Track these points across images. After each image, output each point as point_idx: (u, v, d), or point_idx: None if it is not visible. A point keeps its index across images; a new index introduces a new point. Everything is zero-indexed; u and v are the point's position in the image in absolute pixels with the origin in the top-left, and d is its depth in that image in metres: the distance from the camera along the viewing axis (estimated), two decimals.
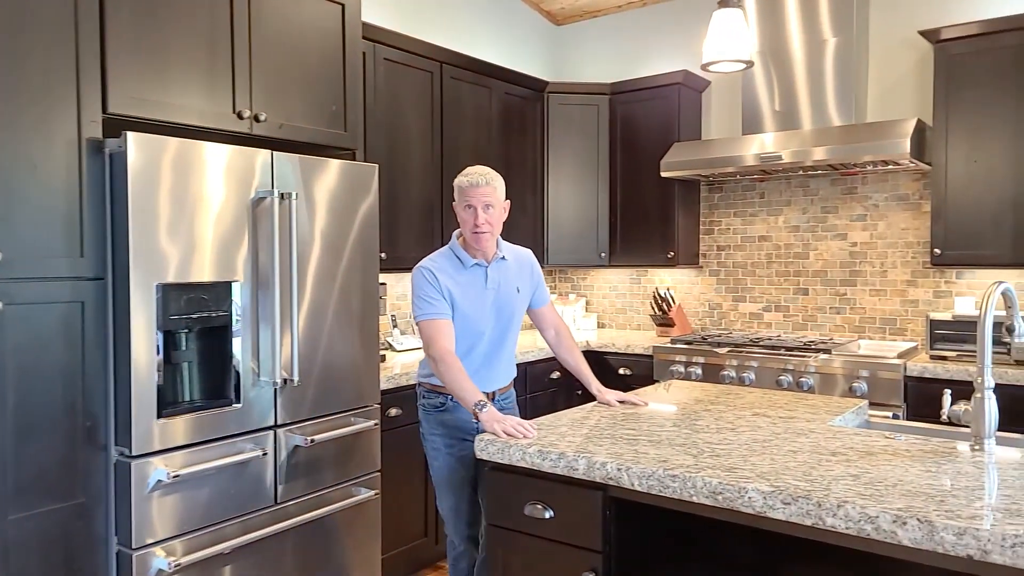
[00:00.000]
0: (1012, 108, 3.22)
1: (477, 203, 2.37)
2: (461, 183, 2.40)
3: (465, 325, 2.41)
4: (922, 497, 1.50)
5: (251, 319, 2.38)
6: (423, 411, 2.50)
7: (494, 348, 2.50)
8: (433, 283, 2.37)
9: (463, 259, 2.44)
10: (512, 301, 2.51)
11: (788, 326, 4.21)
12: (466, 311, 2.41)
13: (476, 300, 2.43)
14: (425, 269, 2.40)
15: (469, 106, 3.89)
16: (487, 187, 2.39)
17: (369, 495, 2.75)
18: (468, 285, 2.43)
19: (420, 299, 2.36)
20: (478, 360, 2.46)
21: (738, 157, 3.74)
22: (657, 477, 1.72)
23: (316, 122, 2.69)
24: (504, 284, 2.50)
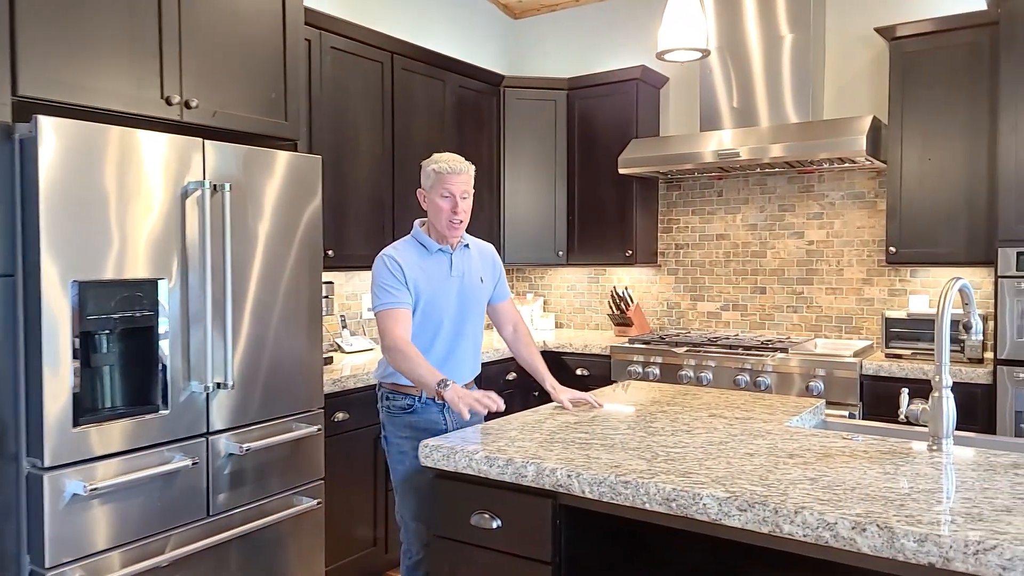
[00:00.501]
0: (965, 106, 3.22)
1: (456, 191, 2.29)
2: (440, 169, 2.30)
3: (429, 314, 2.33)
4: (881, 501, 1.43)
5: (181, 320, 2.23)
6: (387, 414, 2.38)
7: (457, 339, 2.40)
8: (395, 271, 2.28)
9: (427, 245, 2.35)
10: (476, 291, 2.43)
11: (746, 325, 4.17)
12: (430, 299, 2.32)
13: (440, 287, 2.34)
14: (388, 257, 2.30)
15: (422, 99, 3.77)
16: (466, 175, 2.32)
17: (311, 504, 2.61)
18: (432, 272, 2.34)
19: (380, 288, 2.26)
20: (442, 351, 2.37)
21: (696, 154, 3.69)
22: (609, 484, 1.63)
23: (254, 110, 2.54)
24: (468, 273, 2.42)
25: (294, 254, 2.59)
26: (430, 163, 2.34)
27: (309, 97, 3.13)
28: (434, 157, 2.35)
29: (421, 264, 2.32)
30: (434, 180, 2.31)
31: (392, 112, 3.57)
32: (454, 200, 2.30)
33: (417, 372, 2.15)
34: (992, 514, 1.36)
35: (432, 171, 2.32)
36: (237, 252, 2.39)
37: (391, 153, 3.59)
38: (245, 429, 2.43)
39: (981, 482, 1.55)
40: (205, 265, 2.25)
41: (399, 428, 2.34)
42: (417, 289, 2.30)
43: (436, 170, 2.31)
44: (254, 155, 2.44)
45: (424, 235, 2.37)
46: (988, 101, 3.16)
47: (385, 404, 2.38)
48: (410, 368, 2.16)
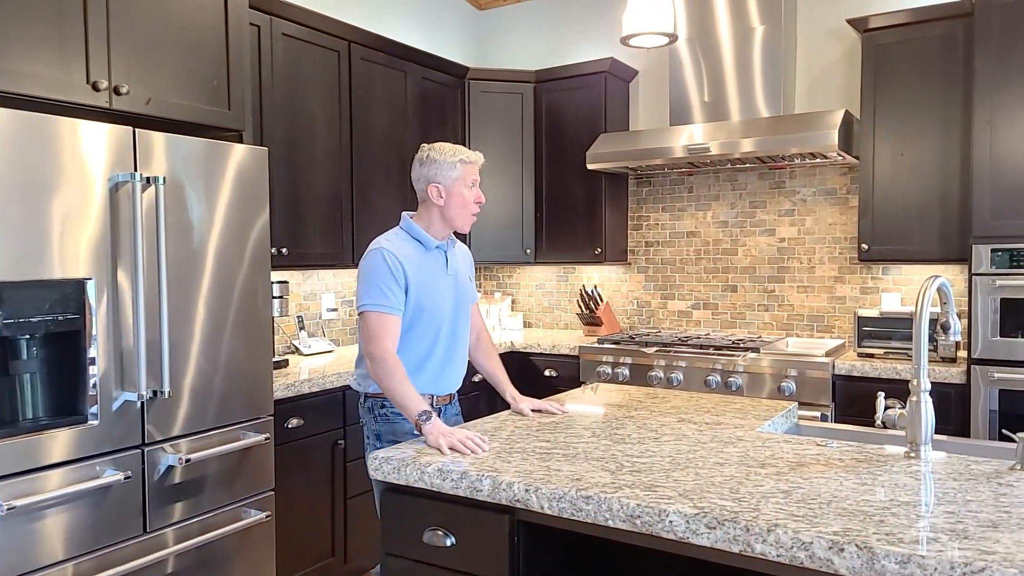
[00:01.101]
0: (939, 100, 3.16)
1: (479, 178, 2.22)
2: (469, 159, 2.18)
3: (429, 318, 2.16)
4: (859, 517, 1.33)
5: (111, 323, 2.07)
6: (385, 423, 2.15)
7: (454, 343, 2.25)
8: (396, 270, 2.07)
9: (425, 241, 2.18)
10: (466, 290, 2.30)
11: (717, 324, 4.09)
12: (430, 302, 2.15)
13: (438, 288, 2.19)
14: (388, 252, 2.09)
15: (382, 91, 3.62)
16: None
17: (260, 517, 2.46)
18: (431, 271, 2.18)
19: (375, 286, 2.05)
20: (439, 358, 2.20)
21: (666, 148, 3.59)
22: (569, 499, 1.51)
23: (194, 98, 2.37)
24: (458, 271, 2.29)
25: (239, 252, 2.44)
26: (449, 154, 2.16)
27: (259, 87, 2.97)
28: (445, 148, 2.18)
29: (419, 261, 2.16)
30: (461, 172, 2.16)
31: (350, 104, 3.42)
32: (477, 189, 2.21)
33: (402, 394, 1.96)
34: (978, 530, 1.26)
35: (458, 163, 2.16)
36: (175, 250, 2.23)
37: (349, 147, 3.43)
38: (186, 439, 2.28)
39: (963, 493, 1.46)
40: (137, 264, 2.09)
41: (400, 436, 2.12)
42: (417, 291, 2.12)
43: (465, 160, 2.16)
44: (193, 146, 2.28)
45: (420, 230, 2.19)
46: (962, 95, 3.10)
47: (380, 413, 2.16)
48: (394, 387, 1.97)
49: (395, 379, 1.98)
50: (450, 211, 2.17)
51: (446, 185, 2.16)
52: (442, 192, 2.16)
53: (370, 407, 2.19)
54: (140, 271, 2.09)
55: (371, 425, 2.19)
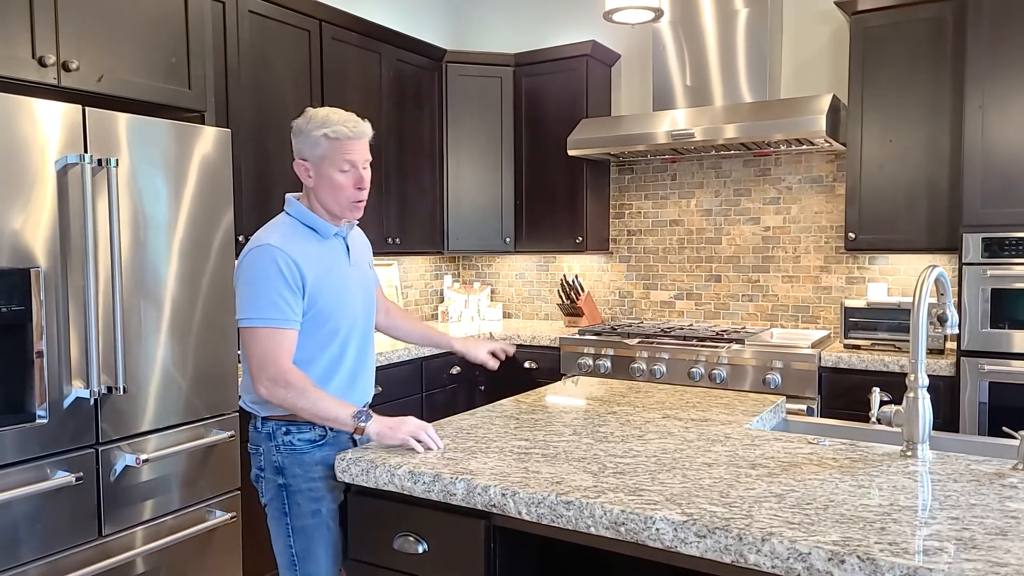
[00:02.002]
0: (928, 85, 3.08)
1: (359, 159, 1.77)
2: (337, 133, 1.73)
3: (332, 324, 1.79)
4: (859, 524, 1.24)
5: (60, 315, 1.93)
6: (289, 453, 1.77)
7: (365, 347, 1.92)
8: (290, 274, 1.70)
9: (320, 229, 1.80)
10: (371, 280, 1.98)
11: (700, 315, 4.01)
12: (332, 305, 1.79)
13: (343, 286, 1.82)
14: (277, 250, 1.69)
15: (356, 73, 3.48)
16: (366, 139, 1.79)
17: (225, 518, 2.34)
18: (332, 265, 1.81)
19: (264, 296, 1.67)
20: (348, 368, 1.85)
21: (649, 134, 3.48)
22: (548, 504, 1.40)
23: (150, 76, 2.23)
24: (361, 260, 1.94)
25: (205, 241, 2.31)
26: (314, 125, 1.74)
27: (225, 67, 2.82)
28: (315, 115, 1.76)
29: (319, 257, 1.78)
30: (327, 149, 1.73)
31: (321, 85, 3.27)
32: (357, 173, 1.77)
33: (323, 408, 1.67)
34: (986, 539, 1.18)
35: (322, 137, 1.73)
36: (132, 238, 2.10)
37: None
38: (144, 437, 2.15)
39: (967, 496, 1.37)
40: (88, 252, 1.95)
41: (309, 469, 1.77)
42: (318, 294, 1.75)
43: (330, 135, 1.73)
44: (148, 126, 2.14)
45: (312, 215, 1.79)
46: (951, 79, 3.02)
47: (283, 441, 1.77)
48: (312, 405, 1.67)
49: (309, 396, 1.67)
50: (320, 195, 1.78)
51: (311, 163, 1.76)
52: (310, 171, 1.77)
53: (270, 433, 1.78)
54: (91, 259, 1.95)
55: (270, 455, 1.78)
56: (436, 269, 4.62)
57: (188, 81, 2.32)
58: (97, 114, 2.01)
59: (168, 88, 2.27)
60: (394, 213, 3.75)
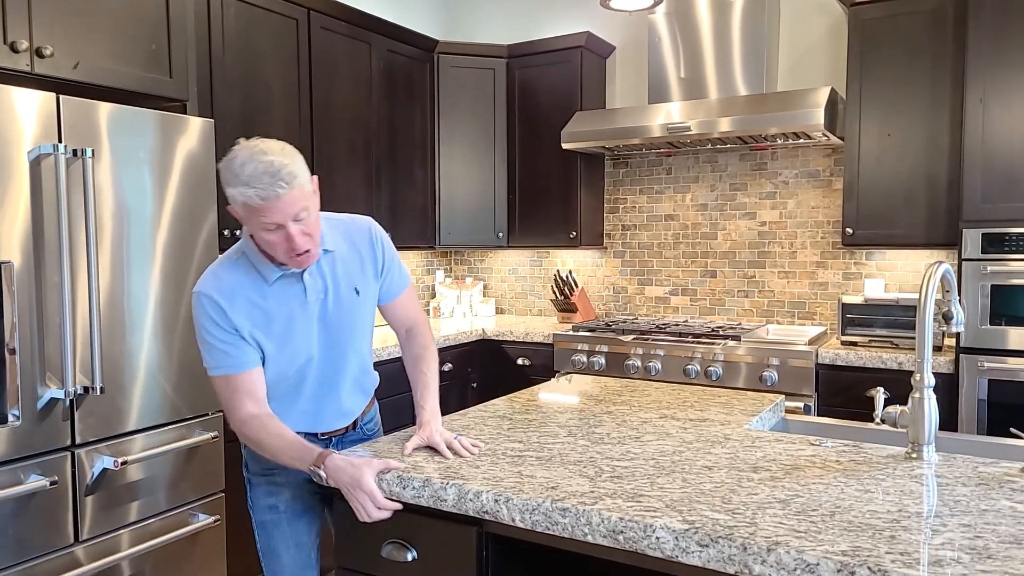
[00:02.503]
0: (927, 77, 3.03)
1: (285, 219, 1.48)
2: (248, 199, 1.46)
3: (284, 362, 1.67)
4: (868, 532, 1.19)
5: (34, 311, 1.86)
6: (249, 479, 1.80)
7: (332, 375, 1.75)
8: (221, 322, 1.57)
9: (264, 272, 1.61)
10: (350, 310, 1.72)
11: (695, 311, 3.96)
12: (282, 345, 1.64)
13: (293, 324, 1.64)
14: (206, 298, 1.57)
15: (345, 63, 3.40)
16: (293, 191, 1.47)
17: (208, 522, 2.28)
18: (279, 306, 1.63)
19: (208, 345, 1.59)
20: (308, 397, 1.73)
21: (644, 128, 3.42)
22: (544, 511, 1.35)
23: (129, 63, 2.15)
24: (335, 288, 1.69)
25: (191, 235, 2.23)
26: (229, 177, 1.49)
27: (209, 56, 2.74)
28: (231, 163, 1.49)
29: (257, 298, 1.61)
30: (244, 215, 1.51)
31: (310, 77, 3.20)
32: (285, 232, 1.50)
33: (283, 454, 1.57)
34: (1000, 548, 1.13)
35: (237, 200, 1.49)
36: (111, 231, 2.02)
37: (310, 124, 3.22)
38: (123, 439, 2.08)
39: (977, 501, 1.32)
40: (62, 246, 1.88)
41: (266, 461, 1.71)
42: (257, 340, 1.61)
43: (243, 200, 1.47)
44: (130, 116, 2.06)
45: (256, 253, 1.61)
46: (951, 72, 2.97)
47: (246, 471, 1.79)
48: (273, 449, 1.58)
49: (265, 447, 1.58)
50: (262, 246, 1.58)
51: (240, 216, 1.53)
52: (241, 220, 1.54)
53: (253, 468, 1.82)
54: (66, 253, 1.88)
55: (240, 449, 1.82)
56: (428, 264, 4.56)
57: (169, 69, 2.24)
58: (73, 102, 1.93)
59: (148, 76, 2.19)
60: (385, 207, 3.68)
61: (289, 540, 1.74)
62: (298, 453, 1.57)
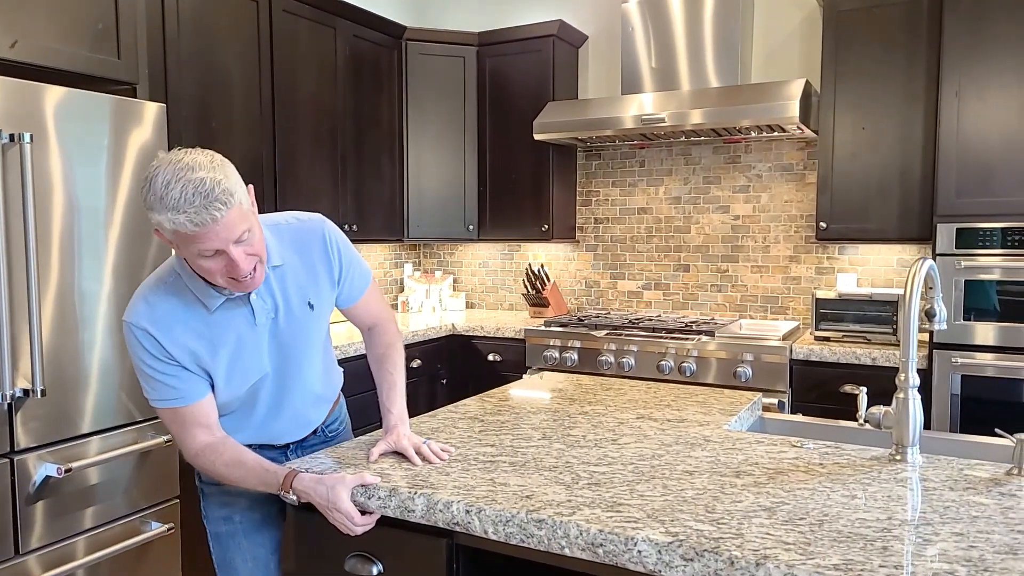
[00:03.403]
0: (902, 71, 3.00)
1: (225, 244, 1.30)
2: (179, 226, 1.25)
3: (236, 384, 1.52)
4: (859, 543, 1.13)
5: None
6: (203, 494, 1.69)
7: (289, 389, 1.61)
8: (158, 354, 1.41)
9: (204, 298, 1.43)
10: (304, 325, 1.57)
11: (668, 305, 3.91)
12: (231, 371, 1.49)
13: (242, 349, 1.49)
14: (138, 330, 1.40)
15: (309, 49, 3.27)
16: (231, 211, 1.28)
17: (162, 530, 2.16)
18: (224, 331, 1.46)
19: (144, 375, 1.44)
20: (262, 413, 1.60)
21: (617, 119, 3.36)
22: (518, 522, 1.27)
23: (73, 43, 2.01)
24: (286, 305, 1.53)
25: (131, 224, 2.10)
26: (152, 202, 1.27)
27: (163, 37, 2.60)
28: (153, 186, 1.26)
29: (201, 329, 1.44)
30: (176, 240, 1.31)
31: (272, 62, 3.07)
32: (226, 257, 1.32)
33: (247, 480, 1.47)
34: (995, 559, 1.08)
35: (168, 231, 1.28)
36: (48, 221, 1.89)
37: (272, 112, 3.09)
38: (69, 444, 1.95)
39: (967, 507, 1.28)
40: None
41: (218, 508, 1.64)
42: (201, 365, 1.45)
43: (174, 231, 1.27)
44: (77, 100, 1.93)
45: (195, 279, 1.42)
46: (926, 65, 2.95)
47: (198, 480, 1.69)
48: (235, 479, 1.48)
49: (224, 477, 1.48)
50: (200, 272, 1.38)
51: (172, 243, 1.34)
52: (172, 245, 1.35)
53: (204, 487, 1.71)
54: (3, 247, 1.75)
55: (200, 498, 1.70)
56: (396, 257, 4.45)
57: (117, 50, 2.10)
58: (12, 84, 1.80)
59: (95, 57, 2.05)
60: (351, 199, 3.56)
61: (246, 553, 1.64)
62: (261, 478, 1.46)
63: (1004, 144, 2.68)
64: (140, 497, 2.13)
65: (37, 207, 1.83)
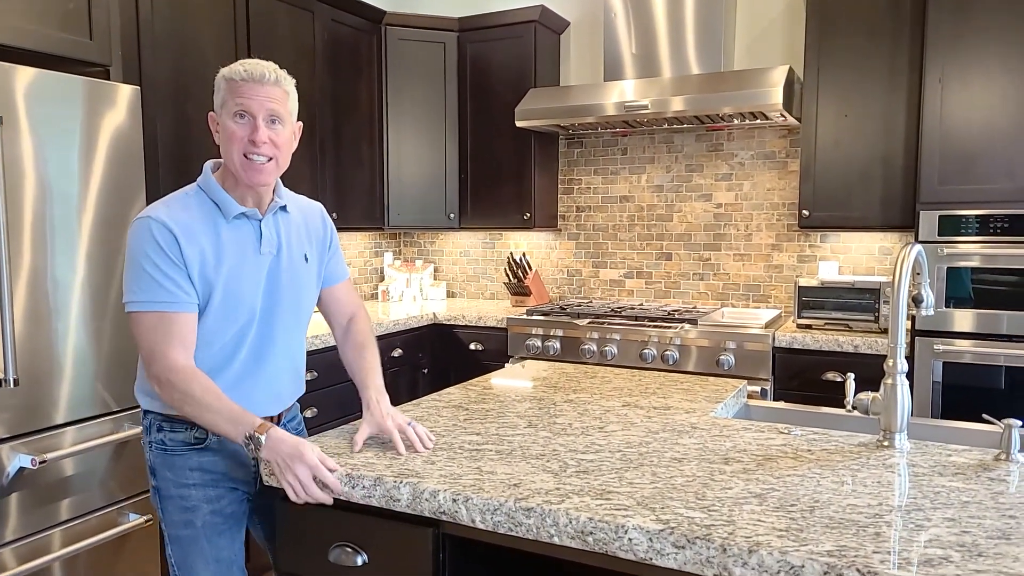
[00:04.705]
0: (885, 57, 3.00)
1: (258, 109, 1.47)
2: (234, 74, 1.47)
3: (225, 313, 1.52)
4: (851, 529, 1.12)
5: None
6: (160, 453, 1.57)
7: (268, 348, 1.61)
8: (169, 251, 1.44)
9: (222, 204, 1.52)
10: (298, 276, 1.64)
11: (650, 294, 3.90)
12: (227, 291, 1.51)
13: (240, 275, 1.53)
14: (154, 221, 1.44)
15: (286, 33, 3.20)
16: (275, 87, 1.48)
17: (140, 521, 2.11)
18: (230, 247, 1.53)
19: (143, 274, 1.43)
20: (238, 370, 1.57)
21: (600, 105, 3.33)
22: (506, 511, 1.24)
23: (43, 23, 1.94)
24: (287, 249, 1.62)
25: (105, 211, 2.04)
26: (222, 74, 1.51)
27: (137, 18, 2.52)
28: None
29: (210, 237, 1.50)
30: (224, 92, 1.48)
31: (248, 46, 2.99)
32: (253, 123, 1.46)
33: (209, 420, 1.43)
34: (989, 544, 1.07)
35: (221, 79, 1.49)
36: (19, 207, 1.83)
37: None
38: (42, 435, 1.90)
39: (957, 493, 1.27)
40: None
41: (181, 473, 1.55)
42: (205, 275, 1.49)
43: (226, 75, 1.48)
44: (48, 82, 1.86)
45: (217, 187, 1.53)
46: (909, 52, 2.95)
47: (155, 439, 1.57)
48: (201, 413, 1.43)
49: (195, 401, 1.42)
50: (223, 151, 1.52)
51: (217, 112, 1.52)
52: (216, 122, 1.53)
53: (147, 427, 1.59)
54: None
55: (146, 453, 1.60)
56: (376, 246, 4.39)
57: (89, 30, 2.04)
58: None
59: (66, 38, 1.98)
60: (330, 186, 3.51)
61: (208, 556, 1.58)
62: (235, 415, 1.42)
63: (987, 131, 2.69)
64: (117, 488, 2.08)
65: (8, 192, 1.77)
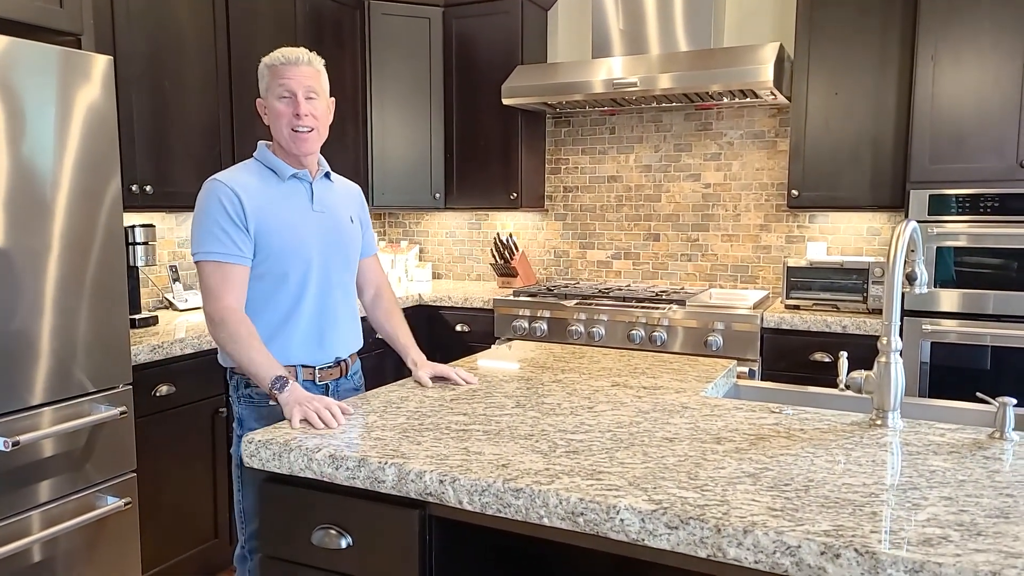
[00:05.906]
0: (876, 35, 2.97)
1: (297, 87, 1.75)
2: (274, 61, 1.77)
3: (284, 264, 1.77)
4: (847, 508, 1.10)
5: None
6: (248, 406, 1.82)
7: (329, 298, 1.85)
8: (231, 205, 1.70)
9: (277, 169, 1.81)
10: (347, 232, 1.91)
11: (638, 275, 3.87)
12: (281, 240, 1.76)
13: (299, 226, 1.79)
14: (220, 184, 1.72)
15: (266, 7, 3.11)
16: (308, 67, 1.78)
17: (118, 504, 2.06)
18: (286, 204, 1.79)
19: (207, 229, 1.70)
20: (309, 315, 1.81)
21: (587, 83, 3.27)
22: (495, 492, 1.21)
23: None
24: (335, 210, 1.89)
25: (81, 185, 1.97)
26: (265, 58, 1.81)
27: None
28: None
29: (269, 194, 1.78)
30: (268, 79, 1.78)
31: (227, 20, 2.91)
32: (295, 100, 1.75)
33: (248, 359, 1.65)
34: (987, 523, 1.05)
35: (265, 65, 1.79)
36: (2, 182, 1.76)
37: (228, 70, 2.94)
38: (16, 416, 1.84)
39: (953, 472, 1.25)
40: None
41: (268, 421, 1.77)
42: (266, 229, 1.74)
43: (269, 63, 1.78)
44: (13, 49, 1.78)
45: (272, 157, 1.83)
46: (901, 29, 2.92)
47: (243, 393, 1.81)
48: (240, 352, 1.66)
49: (240, 343, 1.66)
50: (273, 131, 1.81)
51: (264, 98, 1.81)
52: (264, 107, 1.82)
53: (235, 385, 1.83)
54: None
55: (235, 407, 1.84)
56: None
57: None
58: None
59: (33, 4, 1.90)
60: None
61: None
62: (269, 360, 1.65)
63: (978, 110, 2.67)
64: (94, 471, 2.03)
65: None
